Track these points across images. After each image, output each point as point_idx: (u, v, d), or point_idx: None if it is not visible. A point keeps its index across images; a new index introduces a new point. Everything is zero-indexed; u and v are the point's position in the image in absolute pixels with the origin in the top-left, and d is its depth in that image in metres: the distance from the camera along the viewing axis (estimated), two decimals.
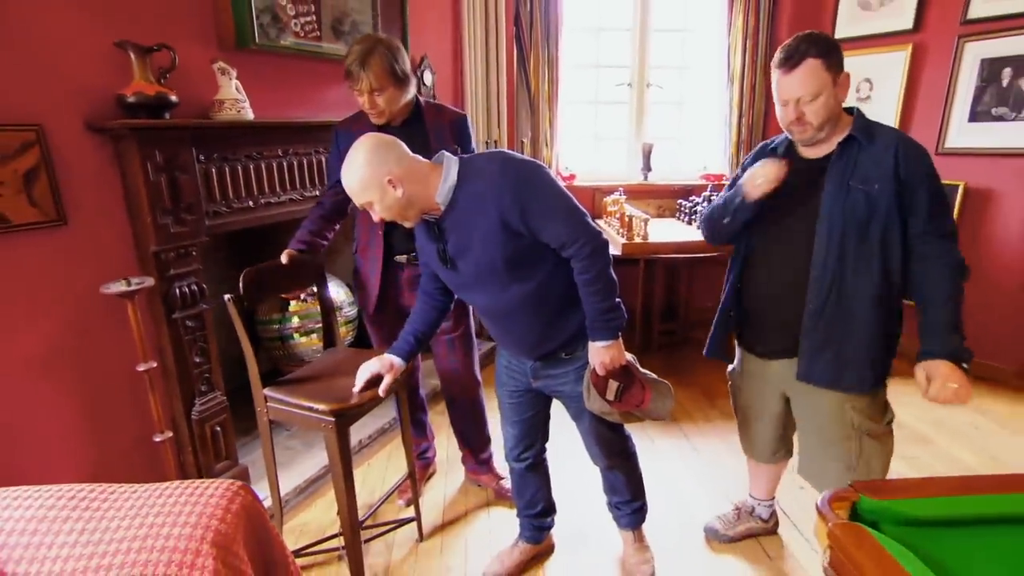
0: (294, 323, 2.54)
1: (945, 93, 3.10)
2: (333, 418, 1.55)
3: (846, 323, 1.45)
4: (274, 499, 1.80)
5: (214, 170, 1.94)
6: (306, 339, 2.56)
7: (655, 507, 1.95)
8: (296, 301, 2.54)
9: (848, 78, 1.40)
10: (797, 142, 1.50)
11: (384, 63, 1.66)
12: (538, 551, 1.91)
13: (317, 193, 2.30)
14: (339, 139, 1.88)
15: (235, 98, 1.95)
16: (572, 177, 3.84)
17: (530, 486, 1.82)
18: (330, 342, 2.03)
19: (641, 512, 1.84)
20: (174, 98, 1.74)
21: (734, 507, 2.04)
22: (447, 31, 3.27)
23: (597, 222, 1.45)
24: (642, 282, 3.37)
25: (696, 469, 2.41)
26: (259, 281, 1.71)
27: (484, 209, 1.34)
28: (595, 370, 1.48)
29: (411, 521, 2.02)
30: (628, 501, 1.81)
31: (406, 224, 1.43)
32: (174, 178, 1.78)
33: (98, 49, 1.67)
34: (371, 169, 1.32)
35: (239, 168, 2.03)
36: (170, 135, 1.76)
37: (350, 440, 1.63)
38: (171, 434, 1.78)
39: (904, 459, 2.37)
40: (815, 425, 1.60)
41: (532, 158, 1.45)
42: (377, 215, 1.38)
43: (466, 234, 1.38)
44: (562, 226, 1.35)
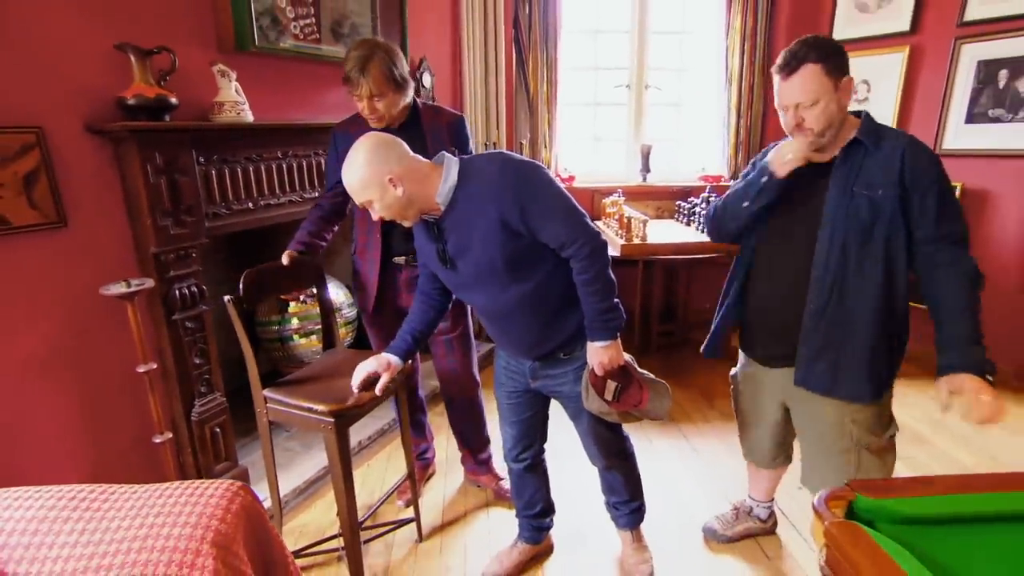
0: (293, 324, 2.54)
1: (942, 95, 3.11)
2: (332, 419, 1.56)
3: (846, 326, 1.43)
4: (274, 500, 1.81)
5: (214, 172, 1.95)
6: (305, 340, 2.57)
7: (654, 508, 1.95)
8: (296, 302, 2.55)
9: (851, 82, 1.38)
10: None
11: (383, 69, 1.66)
12: (537, 551, 1.92)
13: (316, 195, 2.30)
14: (337, 141, 1.88)
15: (235, 100, 1.96)
16: (571, 178, 3.84)
17: (529, 486, 1.82)
18: (329, 343, 2.03)
19: (639, 512, 1.84)
20: (174, 100, 1.75)
21: (732, 507, 2.04)
22: (446, 33, 3.28)
23: (596, 223, 1.45)
24: (641, 283, 3.38)
25: (695, 470, 2.41)
26: (259, 282, 1.72)
27: (484, 209, 1.34)
28: (593, 370, 1.48)
29: (410, 522, 2.03)
30: (626, 501, 1.81)
31: (405, 223, 1.43)
32: (174, 180, 1.79)
33: (98, 51, 1.68)
34: (372, 168, 1.32)
35: (239, 170, 2.04)
36: (170, 137, 1.77)
37: (349, 441, 1.64)
38: (171, 435, 1.79)
39: (902, 459, 2.35)
40: (814, 434, 1.59)
41: (531, 159, 1.46)
42: (377, 214, 1.38)
43: (466, 234, 1.39)
44: (561, 226, 1.35)
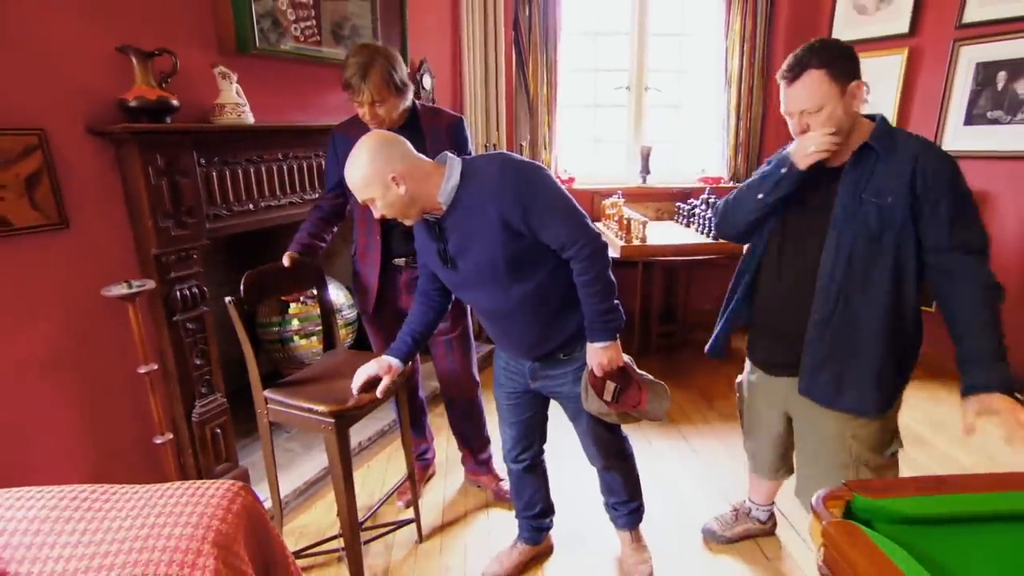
0: (294, 325, 2.55)
1: (941, 97, 3.12)
2: (333, 419, 1.56)
3: (852, 338, 1.39)
4: (274, 501, 1.81)
5: (215, 174, 1.96)
6: (306, 341, 2.57)
7: (653, 509, 1.96)
8: (296, 304, 2.55)
9: (860, 87, 1.33)
10: None
11: (384, 74, 1.67)
12: (537, 552, 1.92)
13: (316, 196, 2.31)
14: (336, 142, 1.89)
15: (236, 102, 1.97)
16: (571, 180, 3.85)
17: (528, 487, 1.83)
18: (330, 344, 2.04)
19: (638, 512, 1.85)
20: (175, 102, 1.75)
21: (732, 508, 2.05)
22: (446, 35, 3.29)
23: (596, 225, 1.46)
24: (640, 284, 3.39)
25: (694, 470, 2.42)
26: (260, 283, 1.73)
27: (486, 209, 1.35)
28: (593, 371, 1.49)
29: (410, 522, 2.03)
30: (625, 502, 1.81)
31: (406, 222, 1.44)
32: (175, 182, 1.80)
33: (100, 54, 1.69)
34: (375, 166, 1.33)
35: (239, 172, 2.05)
36: (171, 139, 1.77)
37: (350, 441, 1.64)
38: (171, 436, 1.79)
39: (901, 460, 2.36)
40: (813, 447, 1.56)
41: (533, 160, 1.47)
42: (378, 212, 1.39)
43: (467, 234, 1.39)
44: (562, 227, 1.36)
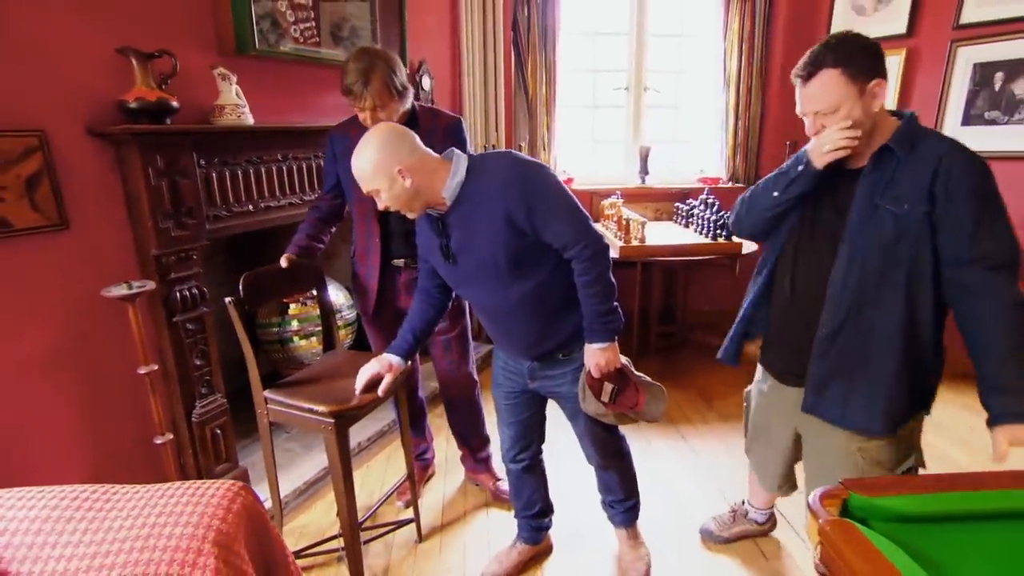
0: (293, 326, 2.55)
1: (938, 97, 3.13)
2: (333, 419, 1.57)
3: (861, 353, 1.32)
4: (274, 501, 1.82)
5: (214, 174, 1.96)
6: (306, 342, 2.58)
7: (652, 508, 1.97)
8: (296, 304, 2.56)
9: (881, 85, 1.24)
10: None
11: (385, 80, 1.67)
12: (536, 551, 1.92)
13: (316, 197, 2.31)
14: (334, 143, 1.90)
15: (235, 103, 1.97)
16: (570, 180, 3.86)
17: (527, 487, 1.83)
18: (329, 345, 2.04)
19: (635, 510, 1.86)
20: (175, 103, 1.76)
21: (730, 509, 2.05)
22: (445, 36, 3.29)
23: (595, 225, 1.46)
24: (639, 285, 3.39)
25: (693, 470, 2.42)
26: (259, 285, 1.73)
27: (490, 206, 1.36)
28: (590, 372, 1.49)
29: (410, 522, 2.04)
30: (622, 500, 1.82)
31: (409, 215, 1.44)
32: (175, 182, 1.80)
33: (100, 55, 1.69)
34: (383, 157, 1.33)
35: (239, 172, 2.05)
36: (171, 140, 1.78)
37: (349, 442, 1.65)
38: (172, 436, 1.80)
39: None
40: (819, 464, 1.49)
41: (537, 160, 1.48)
42: (383, 203, 1.39)
43: (470, 230, 1.40)
44: (566, 227, 1.37)
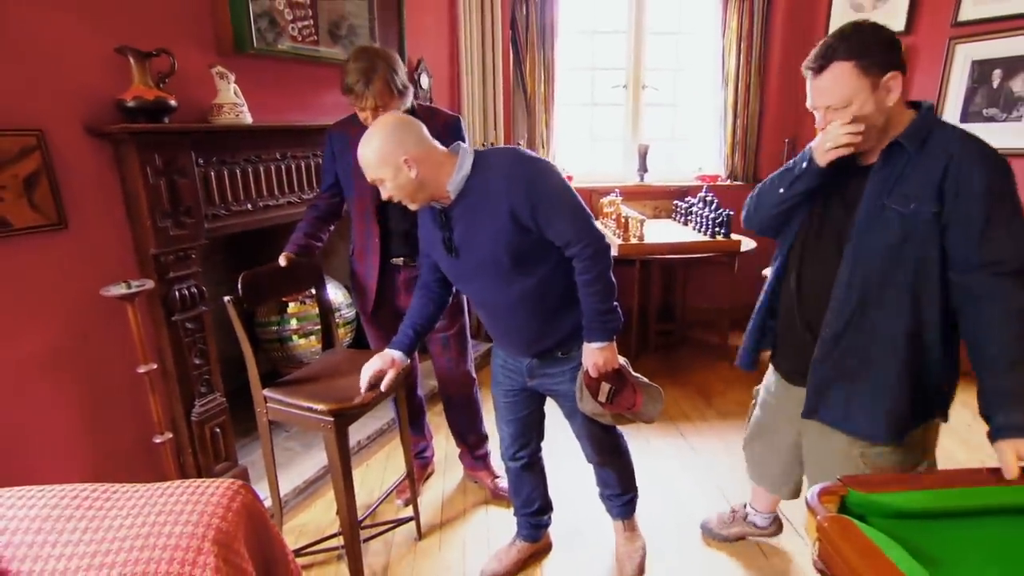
0: (292, 325, 2.56)
1: (937, 94, 3.13)
2: (332, 418, 1.57)
3: (864, 358, 1.28)
4: (274, 499, 1.82)
5: (213, 173, 1.96)
6: (305, 340, 2.58)
7: (652, 506, 1.97)
8: (295, 303, 2.56)
9: (897, 78, 1.17)
10: None
11: (386, 79, 1.67)
12: (536, 549, 1.93)
13: (314, 196, 2.31)
14: (332, 141, 1.90)
15: (233, 102, 1.97)
16: (569, 178, 3.79)
17: (526, 485, 1.84)
18: (328, 343, 2.04)
19: (631, 503, 1.88)
20: (173, 102, 1.76)
21: (731, 509, 2.02)
22: (444, 34, 3.29)
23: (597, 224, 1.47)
24: (638, 283, 3.39)
25: (693, 468, 2.42)
26: (257, 284, 1.73)
27: (495, 201, 1.36)
28: (588, 371, 1.50)
29: (409, 520, 2.04)
30: (619, 494, 1.84)
31: (411, 207, 1.43)
32: (173, 182, 1.80)
33: (98, 54, 1.69)
34: (390, 146, 1.33)
35: (238, 171, 2.05)
36: (169, 139, 1.78)
37: (349, 440, 1.65)
38: (171, 435, 1.80)
39: None
40: (820, 466, 1.44)
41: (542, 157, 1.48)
42: (386, 193, 1.39)
43: (474, 225, 1.40)
44: (568, 224, 1.38)
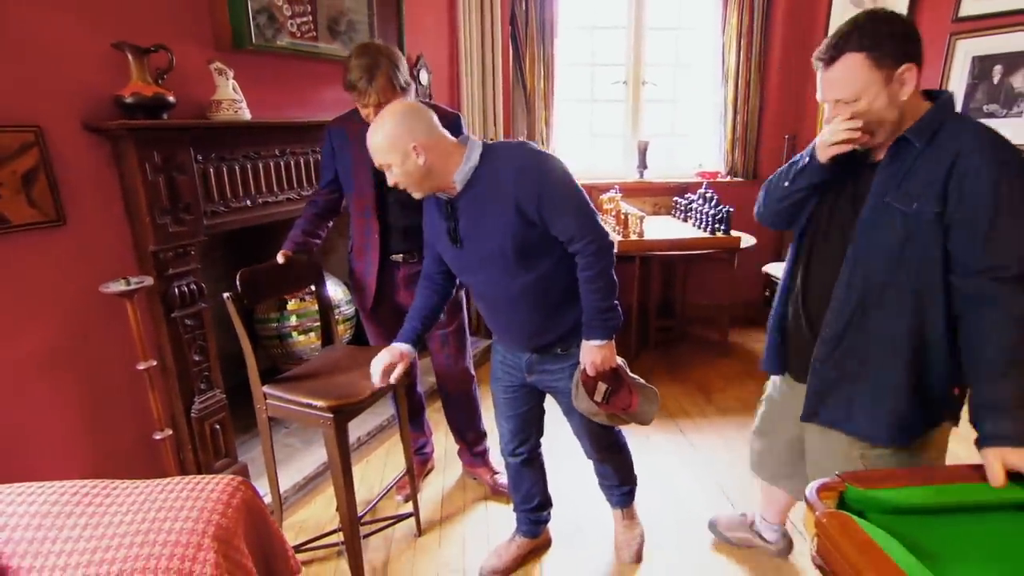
0: (292, 321, 2.56)
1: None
2: (332, 414, 1.57)
3: (865, 358, 1.25)
4: (274, 496, 1.82)
5: (212, 170, 1.96)
6: (304, 337, 2.58)
7: (651, 503, 1.98)
8: (294, 300, 2.56)
9: (911, 71, 1.12)
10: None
11: (389, 76, 1.68)
12: (535, 545, 1.93)
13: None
14: (332, 137, 1.90)
15: (232, 98, 1.97)
16: None
17: (526, 481, 1.84)
18: (328, 340, 2.04)
19: (631, 494, 1.91)
20: (171, 99, 1.75)
21: (742, 513, 1.96)
22: (443, 31, 3.28)
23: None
24: (638, 279, 3.39)
25: (692, 465, 2.43)
26: (256, 282, 1.73)
27: (502, 194, 1.36)
28: (585, 370, 1.50)
29: (409, 517, 2.05)
30: (618, 485, 1.87)
31: (416, 195, 1.43)
32: (172, 178, 1.80)
33: (95, 50, 1.68)
34: (400, 131, 1.33)
35: (236, 168, 2.05)
36: (168, 135, 1.77)
37: (349, 436, 1.65)
38: (171, 432, 1.80)
39: None
40: (820, 467, 1.39)
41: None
42: (392, 179, 1.39)
43: (480, 217, 1.41)
44: (573, 220, 1.38)
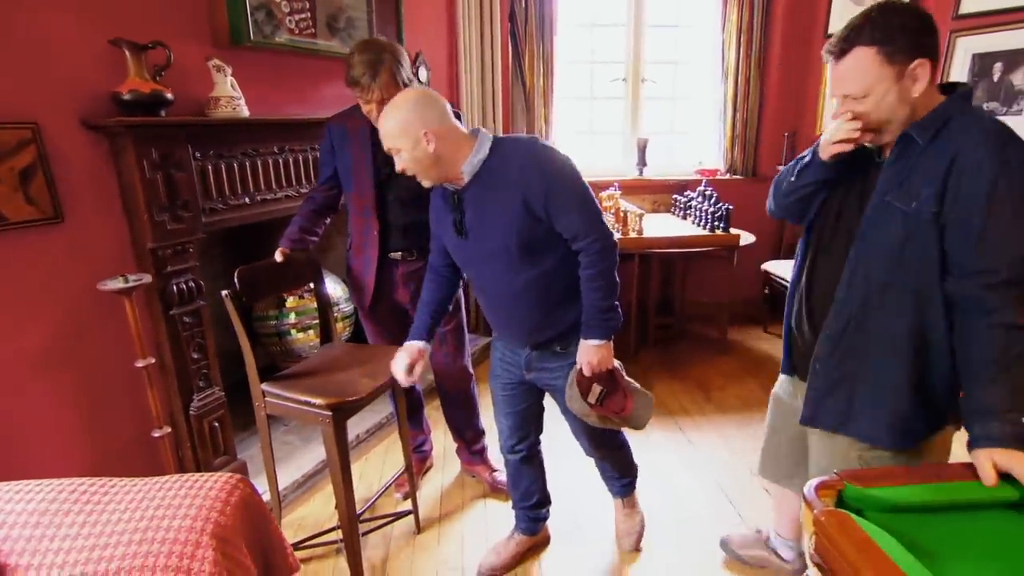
0: (291, 319, 2.55)
1: None
2: (330, 412, 1.57)
3: (865, 358, 1.23)
4: (272, 493, 1.83)
5: (210, 167, 1.95)
6: (303, 335, 2.57)
7: (650, 501, 1.98)
8: (293, 297, 2.55)
9: (924, 66, 1.08)
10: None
11: (392, 71, 1.68)
12: (534, 542, 1.93)
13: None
14: (332, 134, 1.90)
15: (230, 95, 1.96)
16: None
17: (525, 478, 1.84)
18: (327, 337, 2.04)
19: (631, 484, 1.93)
20: (169, 95, 1.75)
21: (756, 530, 1.92)
22: (442, 28, 3.27)
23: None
24: (637, 277, 3.39)
25: (691, 463, 2.43)
26: (254, 280, 1.72)
27: (509, 188, 1.36)
28: (582, 370, 1.49)
29: (408, 514, 2.05)
30: (618, 478, 1.89)
31: (424, 183, 1.43)
32: (170, 175, 1.79)
33: (93, 47, 1.68)
34: (413, 117, 1.33)
35: (235, 165, 2.04)
36: (166, 132, 1.77)
37: (347, 434, 1.65)
38: (169, 430, 1.80)
39: None
40: (820, 467, 1.38)
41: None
42: (400, 164, 1.39)
43: (486, 209, 1.41)
44: (579, 217, 1.39)
